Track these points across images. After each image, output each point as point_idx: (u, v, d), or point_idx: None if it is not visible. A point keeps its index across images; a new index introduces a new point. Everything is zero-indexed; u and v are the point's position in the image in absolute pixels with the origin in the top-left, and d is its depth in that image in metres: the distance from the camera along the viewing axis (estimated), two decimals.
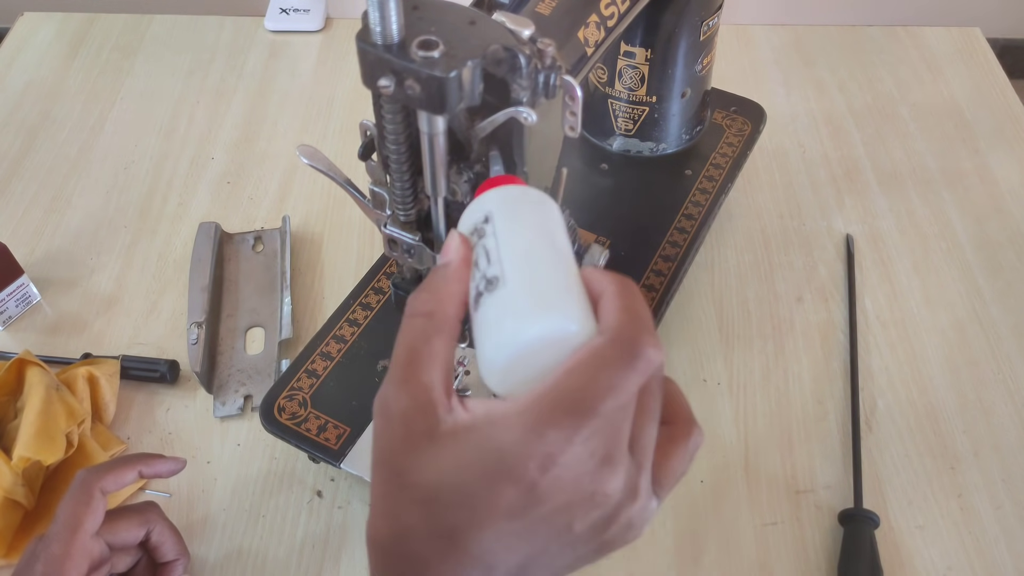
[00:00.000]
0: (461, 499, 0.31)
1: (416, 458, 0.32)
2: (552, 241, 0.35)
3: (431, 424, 0.32)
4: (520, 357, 0.32)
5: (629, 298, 0.33)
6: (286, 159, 0.86)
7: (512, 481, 0.30)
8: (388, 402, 0.33)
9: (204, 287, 0.71)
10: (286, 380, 0.61)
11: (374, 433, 0.33)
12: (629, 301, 0.33)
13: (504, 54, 0.37)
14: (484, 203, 0.37)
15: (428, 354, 0.33)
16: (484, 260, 0.34)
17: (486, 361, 0.33)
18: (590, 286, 0.34)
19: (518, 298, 0.33)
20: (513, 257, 0.34)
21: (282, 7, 1.02)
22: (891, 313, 0.73)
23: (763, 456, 0.64)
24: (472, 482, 0.31)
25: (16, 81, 0.95)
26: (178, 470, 0.55)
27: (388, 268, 0.68)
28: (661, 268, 0.68)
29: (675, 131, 0.75)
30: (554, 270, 0.34)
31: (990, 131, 0.89)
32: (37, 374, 0.62)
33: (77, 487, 0.49)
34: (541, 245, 0.35)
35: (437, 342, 0.33)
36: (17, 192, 0.84)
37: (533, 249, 0.35)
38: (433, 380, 0.32)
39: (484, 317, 0.33)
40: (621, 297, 0.33)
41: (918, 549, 0.60)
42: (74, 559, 0.47)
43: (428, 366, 0.33)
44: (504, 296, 0.33)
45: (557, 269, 0.34)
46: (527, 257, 0.34)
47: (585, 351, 0.31)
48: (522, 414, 0.30)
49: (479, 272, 0.34)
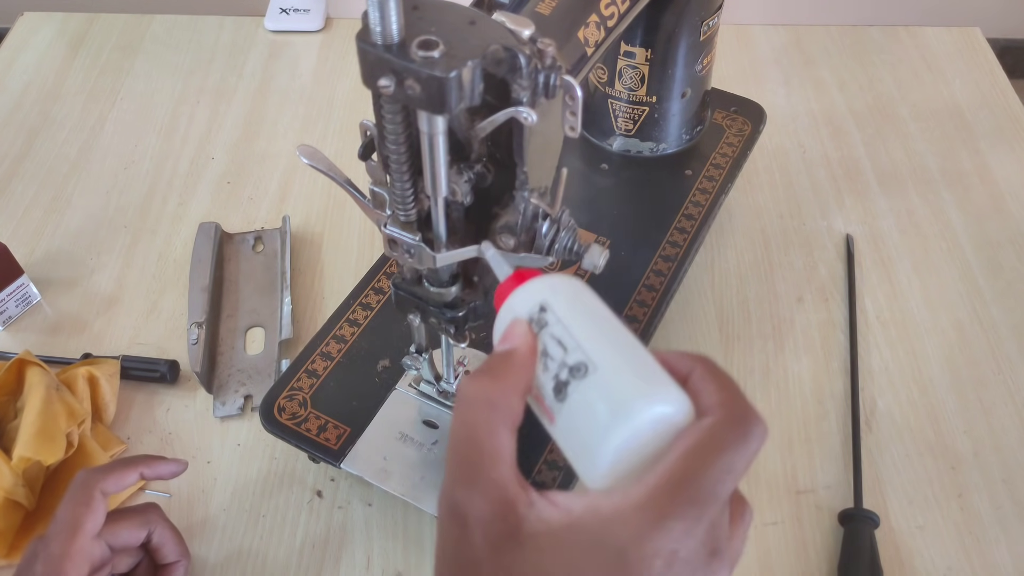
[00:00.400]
0: None
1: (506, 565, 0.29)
2: (616, 321, 0.35)
3: (513, 525, 0.30)
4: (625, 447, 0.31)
5: (722, 374, 0.32)
6: (286, 159, 0.86)
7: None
8: (460, 506, 0.30)
9: (204, 287, 0.71)
10: (286, 380, 0.61)
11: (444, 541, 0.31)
12: (723, 378, 0.32)
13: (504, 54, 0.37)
14: (534, 294, 0.36)
15: (494, 448, 0.31)
16: (558, 349, 0.33)
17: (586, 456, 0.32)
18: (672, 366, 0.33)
19: (616, 382, 0.32)
20: (595, 341, 0.33)
21: (282, 7, 1.02)
22: (891, 313, 0.73)
23: (763, 456, 0.64)
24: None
25: (16, 81, 0.95)
26: (179, 472, 0.55)
27: (388, 268, 0.68)
28: (661, 268, 0.68)
29: (675, 131, 0.75)
30: (638, 350, 0.33)
31: (990, 131, 0.89)
32: (37, 374, 0.62)
33: (77, 488, 0.49)
34: (616, 327, 0.34)
35: (503, 434, 0.31)
36: (17, 192, 0.84)
37: (611, 332, 0.34)
38: (505, 476, 0.30)
39: (576, 408, 0.32)
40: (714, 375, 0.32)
41: (918, 549, 0.60)
42: (74, 560, 0.47)
43: (497, 461, 0.30)
44: (600, 381, 0.32)
45: (639, 349, 0.33)
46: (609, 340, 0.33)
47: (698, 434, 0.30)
48: (642, 506, 0.29)
49: (554, 362, 0.33)
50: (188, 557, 0.55)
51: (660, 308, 0.65)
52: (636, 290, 0.66)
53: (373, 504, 0.62)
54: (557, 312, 0.34)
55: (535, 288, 0.36)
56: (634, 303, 0.65)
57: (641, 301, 0.65)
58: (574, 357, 0.33)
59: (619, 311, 0.65)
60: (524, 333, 0.34)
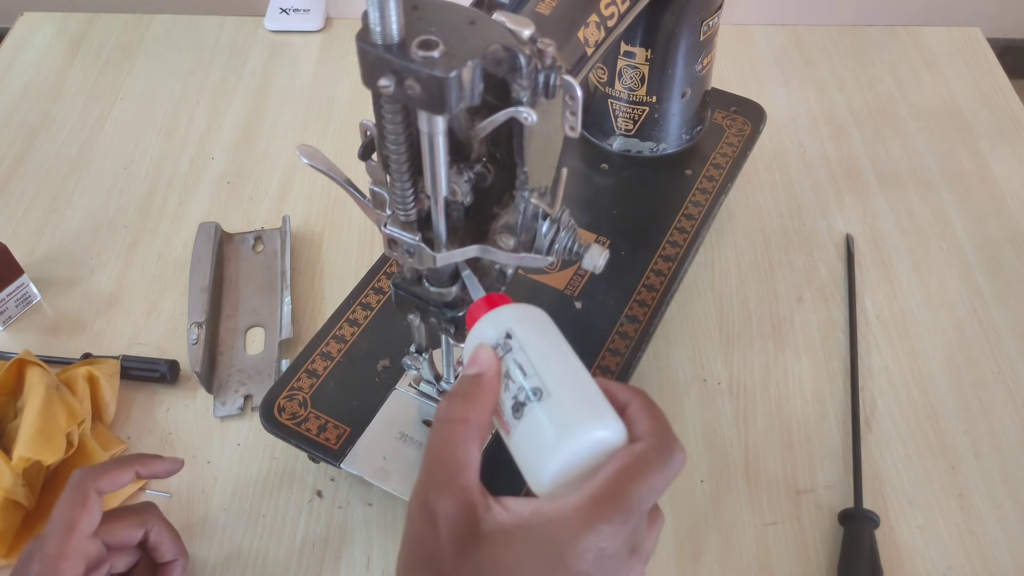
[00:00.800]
0: None
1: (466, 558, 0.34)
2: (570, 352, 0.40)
3: (474, 525, 0.35)
4: (568, 463, 0.37)
5: (653, 407, 0.39)
6: (286, 159, 0.86)
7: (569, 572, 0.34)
8: (431, 506, 0.35)
9: (204, 287, 0.71)
10: (286, 380, 0.61)
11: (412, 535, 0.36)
12: (655, 410, 0.39)
13: (504, 54, 0.37)
14: (501, 321, 0.41)
15: (465, 459, 0.36)
16: (518, 373, 0.39)
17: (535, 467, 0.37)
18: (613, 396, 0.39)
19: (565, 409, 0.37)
20: (550, 370, 0.39)
21: (282, 7, 1.02)
22: (891, 313, 0.73)
23: (763, 456, 0.64)
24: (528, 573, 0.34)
25: (16, 81, 0.95)
26: (175, 470, 0.55)
27: (388, 268, 0.68)
28: (661, 268, 0.68)
29: (675, 131, 0.75)
30: (587, 381, 0.39)
31: (990, 131, 0.89)
32: (37, 374, 0.62)
33: (73, 487, 0.49)
34: (570, 358, 0.40)
35: (473, 447, 0.37)
36: (17, 192, 0.84)
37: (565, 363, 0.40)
38: (471, 483, 0.36)
39: (529, 427, 0.38)
40: (648, 407, 0.39)
41: (918, 549, 0.60)
42: (70, 559, 0.47)
43: (466, 470, 0.36)
44: (551, 407, 0.37)
45: (588, 380, 0.39)
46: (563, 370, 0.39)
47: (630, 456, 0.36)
48: (579, 510, 0.34)
49: (514, 384, 0.39)
50: (186, 556, 0.55)
51: (660, 308, 0.65)
52: (636, 290, 0.66)
53: (373, 504, 0.62)
54: (521, 340, 0.40)
55: (503, 316, 0.42)
56: (634, 303, 0.65)
57: (641, 301, 0.65)
58: (533, 382, 0.38)
59: (619, 311, 0.65)
60: (491, 358, 0.40)
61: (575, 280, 0.67)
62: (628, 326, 0.64)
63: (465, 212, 0.45)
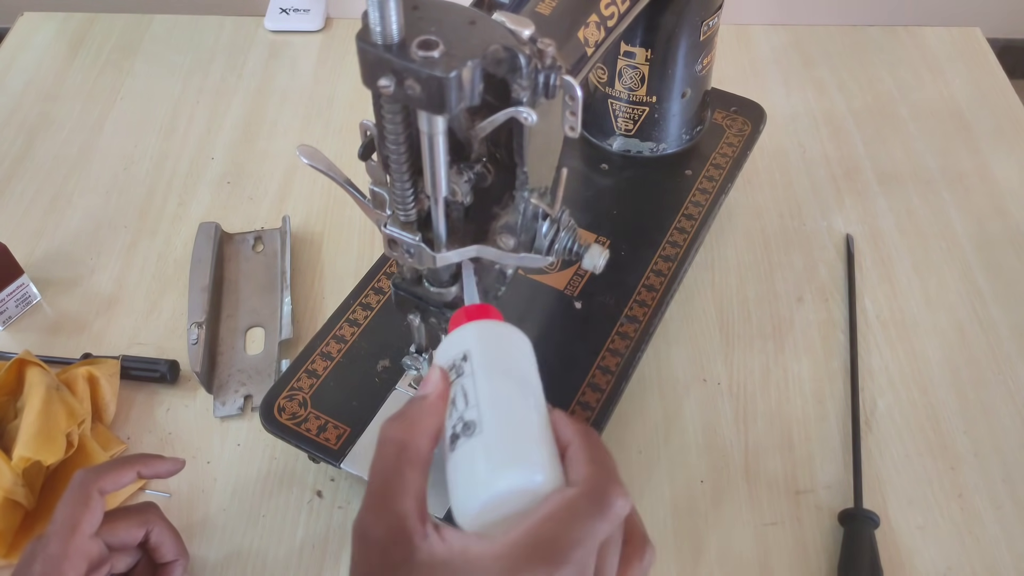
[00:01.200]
0: None
1: None
2: (526, 385, 0.38)
3: (407, 553, 0.34)
4: (492, 504, 0.35)
5: (594, 449, 0.36)
6: (286, 159, 0.86)
7: None
8: (366, 530, 0.35)
9: (204, 287, 0.71)
10: (286, 380, 0.61)
11: (352, 557, 0.36)
12: (595, 452, 0.36)
13: (504, 54, 0.37)
14: (463, 340, 0.39)
15: (400, 484, 0.35)
16: (462, 401, 0.37)
17: (459, 502, 0.35)
18: (557, 434, 0.37)
19: (493, 448, 0.35)
20: (490, 404, 0.36)
21: (282, 7, 1.02)
22: (891, 313, 0.73)
23: (763, 456, 0.64)
24: None
25: (16, 81, 0.95)
26: (177, 470, 0.55)
27: (388, 268, 0.68)
28: (661, 268, 0.68)
29: (675, 131, 0.75)
30: (527, 419, 0.36)
31: (990, 131, 0.89)
32: (37, 374, 0.62)
33: (75, 487, 0.49)
34: (516, 392, 0.37)
35: (409, 473, 0.35)
36: (17, 192, 0.84)
37: (509, 397, 0.37)
38: (407, 509, 0.34)
39: (460, 459, 0.36)
40: (586, 449, 0.36)
41: (918, 549, 0.60)
42: (72, 559, 0.47)
43: (401, 496, 0.35)
44: (479, 444, 0.35)
45: (529, 418, 0.37)
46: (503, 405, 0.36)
47: (559, 501, 0.34)
48: (499, 558, 0.32)
49: (456, 412, 0.37)
50: (186, 556, 0.55)
51: (660, 308, 0.65)
52: (636, 290, 0.66)
53: None
54: (474, 364, 0.38)
55: (466, 335, 0.40)
56: (634, 303, 0.65)
57: (641, 301, 0.65)
58: (470, 414, 0.36)
59: (619, 311, 0.65)
60: (437, 381, 0.38)
61: (575, 280, 0.67)
62: (628, 326, 0.64)
63: (465, 212, 0.45)
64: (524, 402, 0.37)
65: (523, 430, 0.36)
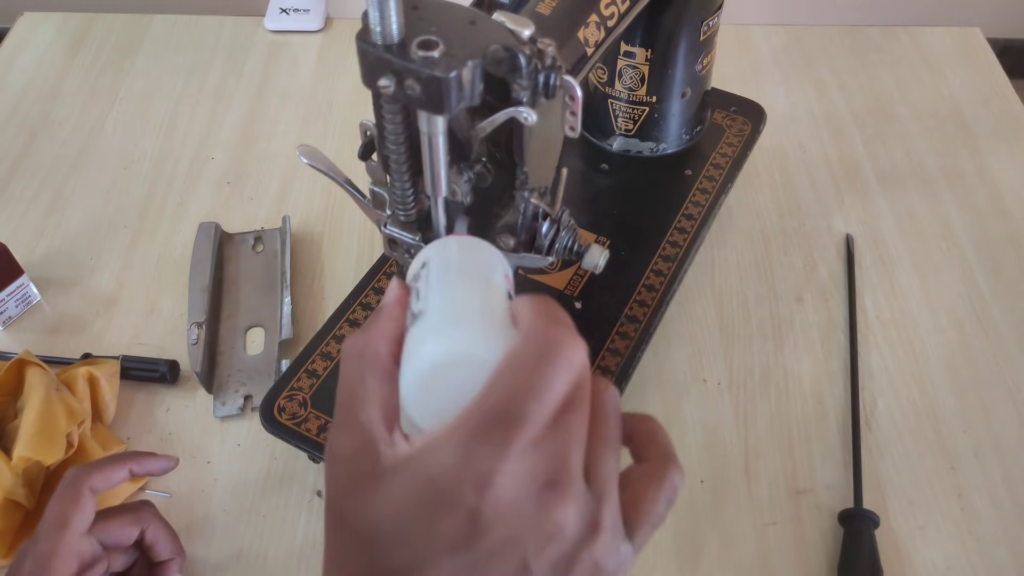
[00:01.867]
0: (401, 537, 0.29)
1: (359, 500, 0.30)
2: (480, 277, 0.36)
3: (373, 462, 0.31)
4: (432, 377, 0.32)
5: (543, 304, 0.32)
6: (286, 159, 0.86)
7: (449, 509, 0.28)
8: (332, 446, 0.32)
9: (204, 287, 0.71)
10: (286, 380, 0.61)
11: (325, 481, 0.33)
12: (543, 307, 0.32)
13: (504, 54, 0.37)
14: (424, 253, 0.38)
15: (363, 393, 0.32)
16: (415, 300, 0.35)
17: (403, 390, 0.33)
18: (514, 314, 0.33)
19: (431, 323, 0.33)
20: (437, 292, 0.35)
21: (282, 7, 1.02)
22: (891, 313, 0.73)
23: (763, 456, 0.64)
24: (410, 517, 0.29)
25: (16, 81, 0.95)
26: (169, 468, 0.55)
27: (388, 268, 0.68)
28: (661, 268, 0.68)
29: (675, 131, 0.75)
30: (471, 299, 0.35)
31: (990, 131, 0.89)
32: (37, 374, 0.62)
33: (66, 485, 0.49)
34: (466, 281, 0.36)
35: (370, 380, 0.32)
36: (17, 192, 0.84)
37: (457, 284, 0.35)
38: (371, 418, 0.31)
39: (405, 349, 0.34)
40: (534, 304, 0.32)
41: (918, 549, 0.60)
42: (62, 557, 0.47)
43: (364, 404, 0.32)
44: (421, 327, 0.33)
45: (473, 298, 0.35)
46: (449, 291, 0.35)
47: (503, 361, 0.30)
48: (452, 434, 0.29)
49: (410, 313, 0.35)
50: (182, 554, 0.55)
51: (660, 308, 0.65)
52: (636, 290, 0.66)
53: None
54: (431, 267, 0.36)
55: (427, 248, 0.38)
56: (634, 303, 0.65)
57: (641, 301, 0.65)
58: (418, 306, 0.34)
59: (619, 311, 0.65)
60: (394, 288, 0.36)
61: (575, 280, 0.67)
62: (628, 326, 0.64)
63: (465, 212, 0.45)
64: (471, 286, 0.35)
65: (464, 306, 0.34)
